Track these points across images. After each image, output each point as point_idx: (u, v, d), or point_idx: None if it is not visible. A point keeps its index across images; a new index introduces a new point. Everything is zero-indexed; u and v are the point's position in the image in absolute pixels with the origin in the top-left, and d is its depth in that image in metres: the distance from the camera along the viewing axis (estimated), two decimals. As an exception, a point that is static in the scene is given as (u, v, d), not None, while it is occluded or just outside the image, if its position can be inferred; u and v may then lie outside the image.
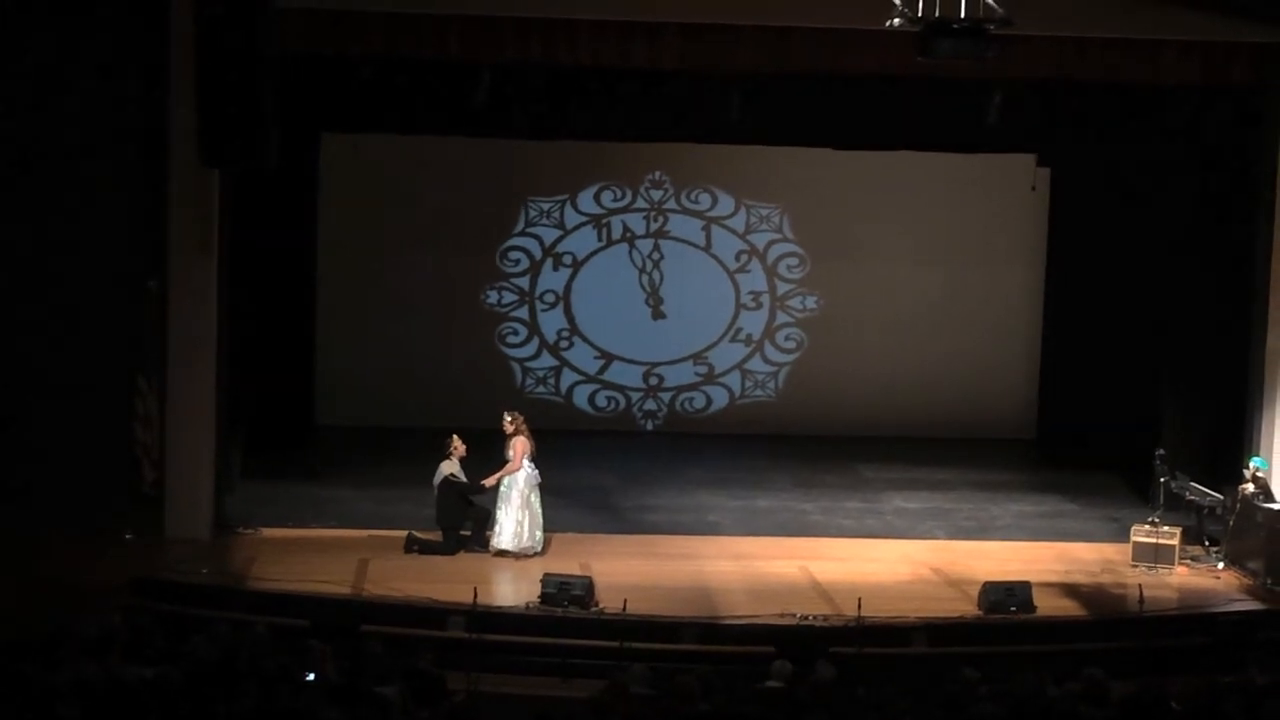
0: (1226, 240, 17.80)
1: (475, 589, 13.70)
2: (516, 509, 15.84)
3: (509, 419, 16.10)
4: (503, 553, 15.80)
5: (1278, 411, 17.01)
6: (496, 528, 15.88)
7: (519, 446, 15.92)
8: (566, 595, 14.16)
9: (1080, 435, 20.44)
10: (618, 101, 16.79)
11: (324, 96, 16.62)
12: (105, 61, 15.83)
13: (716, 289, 21.77)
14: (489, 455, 16.19)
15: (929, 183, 21.14)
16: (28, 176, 15.85)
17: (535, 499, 15.97)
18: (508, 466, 15.88)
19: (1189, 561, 16.15)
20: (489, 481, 16.00)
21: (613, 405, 21.82)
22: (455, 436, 16.17)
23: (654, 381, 21.82)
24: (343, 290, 20.75)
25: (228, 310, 16.44)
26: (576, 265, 21.64)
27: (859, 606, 13.71)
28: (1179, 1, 15.91)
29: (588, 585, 14.34)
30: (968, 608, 14.66)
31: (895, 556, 16.32)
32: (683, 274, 21.69)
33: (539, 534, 15.97)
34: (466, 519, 16.07)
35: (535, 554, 15.80)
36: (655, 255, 21.68)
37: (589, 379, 21.77)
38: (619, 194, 21.62)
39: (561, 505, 16.90)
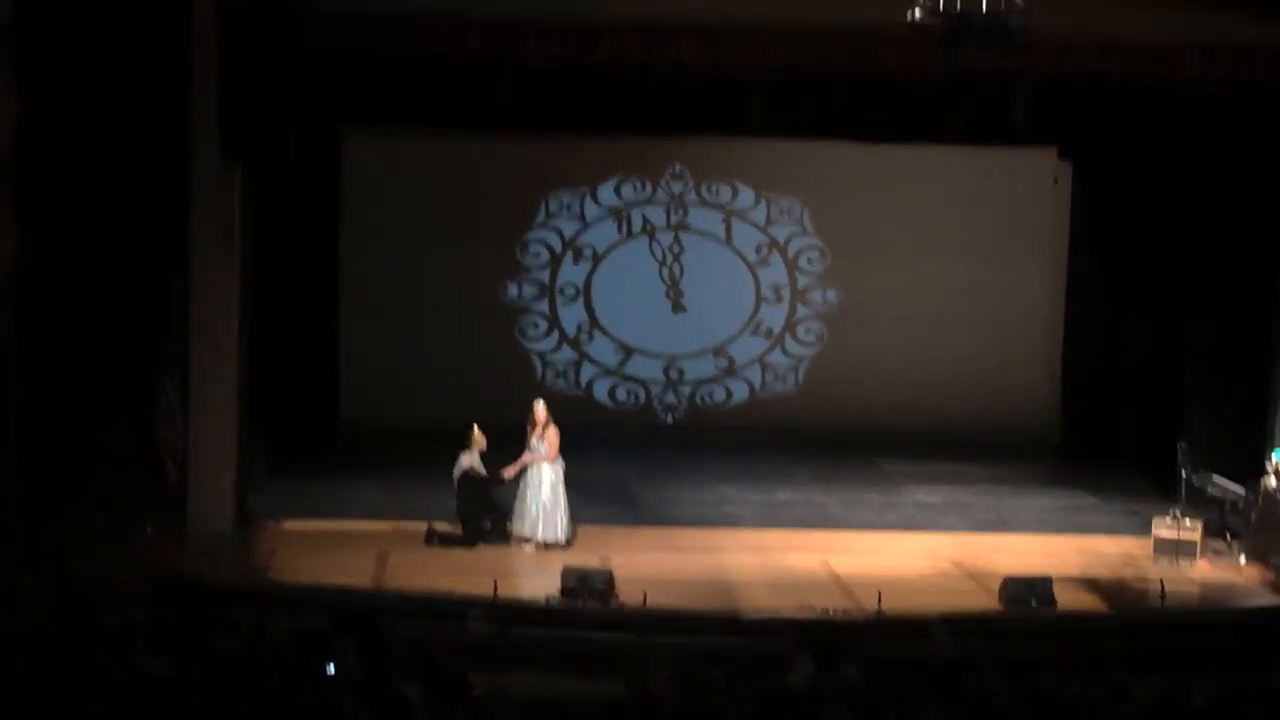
0: (1248, 234, 17.77)
1: (495, 582, 13.73)
2: (560, 499, 15.85)
3: (544, 408, 16.08)
4: (551, 545, 15.77)
5: (1300, 405, 17.01)
6: (542, 518, 15.84)
7: (555, 436, 15.93)
8: (587, 588, 14.19)
9: (1101, 429, 20.43)
10: (638, 95, 16.79)
11: (346, 93, 16.66)
12: (128, 55, 15.85)
13: (737, 282, 21.78)
14: (509, 447, 16.21)
15: (950, 177, 21.13)
16: (52, 173, 15.88)
17: (563, 491, 16.01)
18: (543, 454, 15.85)
19: (1211, 556, 16.12)
20: (509, 473, 16.02)
21: (633, 398, 21.84)
22: (475, 428, 16.20)
23: (674, 375, 21.83)
24: (365, 285, 20.79)
25: (250, 305, 16.48)
26: (597, 258, 21.67)
27: (879, 600, 13.72)
28: (1203, 1, 15.84)
29: (608, 578, 14.36)
30: (988, 602, 14.66)
31: (915, 550, 16.32)
32: (703, 267, 21.70)
33: (569, 525, 16.00)
34: (487, 511, 16.09)
35: (564, 546, 15.82)
36: (675, 248, 21.69)
37: (609, 372, 21.80)
38: (639, 187, 21.64)
39: (582, 498, 16.90)
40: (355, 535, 16.15)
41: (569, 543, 15.92)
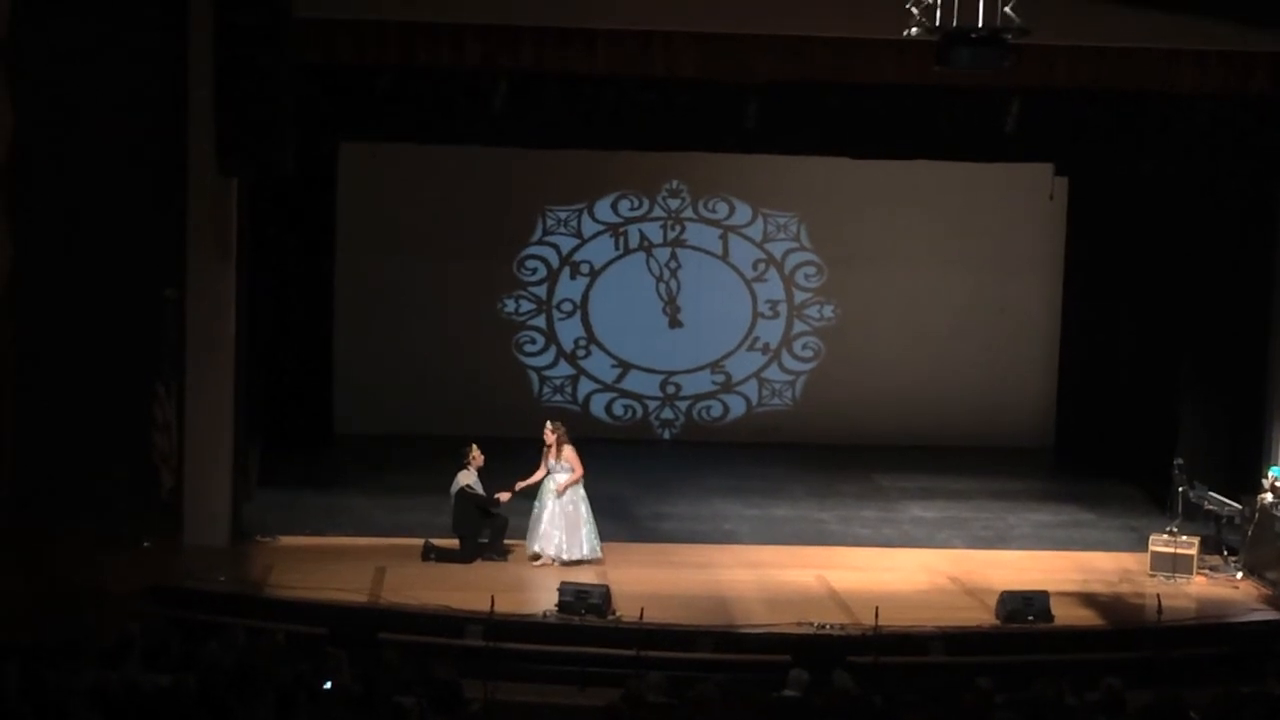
0: (1244, 249, 17.79)
1: (492, 597, 13.71)
2: (586, 515, 15.85)
3: (552, 428, 15.99)
4: (578, 562, 15.70)
5: (1296, 421, 17.02)
6: (580, 536, 15.78)
7: (573, 454, 15.90)
8: (584, 604, 14.16)
9: (1098, 444, 20.43)
10: (635, 110, 16.80)
11: (342, 105, 16.65)
12: (124, 69, 15.85)
13: (734, 298, 21.78)
14: (507, 465, 16.19)
15: (946, 192, 21.13)
16: (47, 184, 15.87)
17: (586, 507, 15.99)
18: (567, 478, 15.82)
19: (1207, 571, 16.10)
20: (504, 496, 15.99)
21: (630, 414, 21.82)
22: (474, 446, 16.14)
23: (671, 390, 21.82)
24: (360, 298, 20.79)
25: (246, 318, 16.47)
26: (594, 274, 21.66)
27: (876, 615, 13.69)
28: (1197, 11, 15.88)
29: (605, 594, 14.34)
30: (985, 617, 14.64)
31: (912, 566, 16.30)
32: (700, 283, 21.70)
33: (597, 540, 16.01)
34: (484, 527, 16.06)
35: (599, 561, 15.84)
36: (672, 264, 21.69)
37: (606, 388, 21.78)
38: (636, 203, 21.64)
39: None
40: (351, 550, 16.12)
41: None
